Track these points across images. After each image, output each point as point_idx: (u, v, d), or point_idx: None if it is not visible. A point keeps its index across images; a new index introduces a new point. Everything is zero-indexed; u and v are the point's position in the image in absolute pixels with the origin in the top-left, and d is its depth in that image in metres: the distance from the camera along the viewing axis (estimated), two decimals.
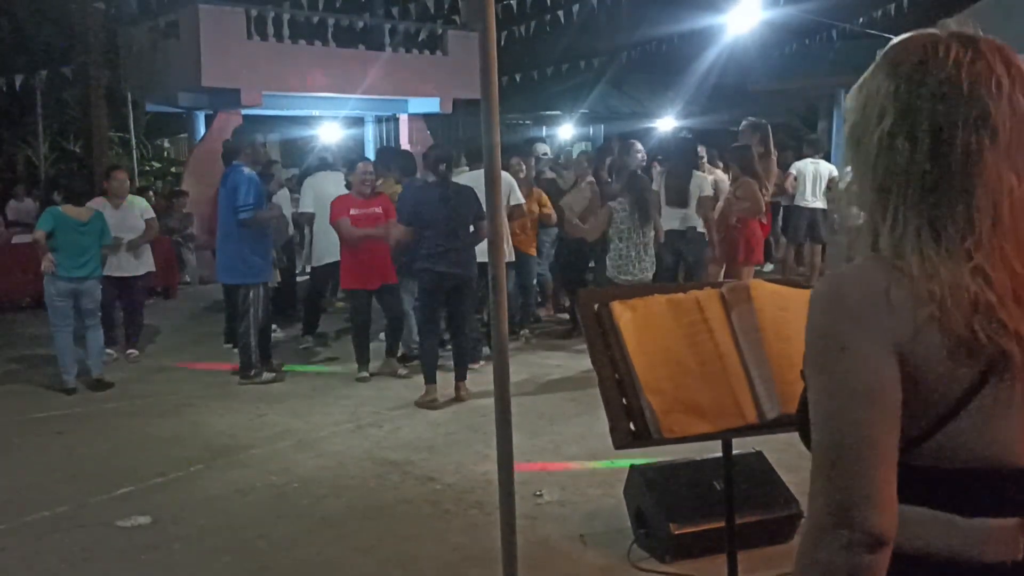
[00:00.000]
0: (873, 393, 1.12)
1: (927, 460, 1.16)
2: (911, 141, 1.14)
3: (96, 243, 6.76)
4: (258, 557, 3.87)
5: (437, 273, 6.08)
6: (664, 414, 2.31)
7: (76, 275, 6.60)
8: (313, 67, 14.22)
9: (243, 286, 6.73)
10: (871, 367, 1.12)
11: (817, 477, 1.15)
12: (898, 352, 1.12)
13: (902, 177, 1.15)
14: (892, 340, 1.12)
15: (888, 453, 1.12)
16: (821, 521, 1.13)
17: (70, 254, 6.60)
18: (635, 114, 20.35)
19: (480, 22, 2.80)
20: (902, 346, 1.12)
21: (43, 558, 3.91)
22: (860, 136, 1.21)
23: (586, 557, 3.79)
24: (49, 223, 6.63)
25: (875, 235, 1.19)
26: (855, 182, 1.23)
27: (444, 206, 6.05)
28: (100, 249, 6.82)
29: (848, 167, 1.26)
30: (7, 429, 5.85)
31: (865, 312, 1.14)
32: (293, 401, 6.40)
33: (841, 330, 1.15)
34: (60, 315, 6.64)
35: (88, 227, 6.71)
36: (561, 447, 5.21)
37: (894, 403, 1.13)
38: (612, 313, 2.41)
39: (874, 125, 1.18)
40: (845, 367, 1.13)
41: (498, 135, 2.87)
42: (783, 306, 2.41)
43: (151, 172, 19.22)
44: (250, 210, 6.57)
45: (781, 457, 4.12)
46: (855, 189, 1.23)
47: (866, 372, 1.12)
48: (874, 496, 1.10)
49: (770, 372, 2.31)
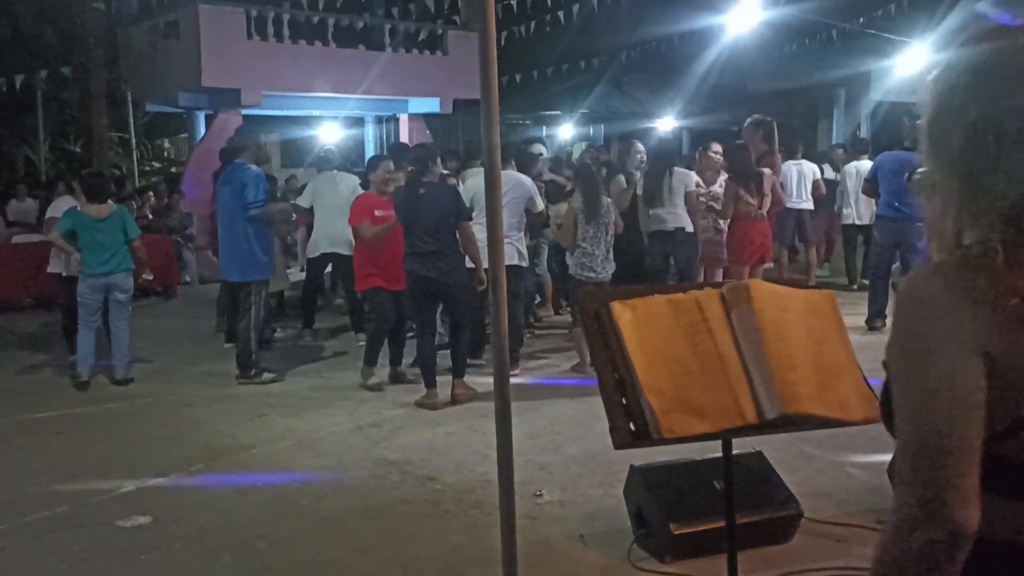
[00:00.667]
0: (957, 394, 1.14)
1: (1017, 454, 1.18)
2: (996, 136, 1.14)
3: (117, 239, 6.79)
4: (258, 557, 3.87)
5: (412, 275, 6.04)
6: (664, 414, 2.31)
7: (101, 271, 6.73)
8: (313, 67, 14.22)
9: (248, 284, 6.74)
10: (955, 369, 1.14)
11: (904, 473, 1.17)
12: (984, 351, 1.14)
13: (988, 171, 1.15)
14: (977, 340, 1.14)
15: (972, 451, 1.14)
16: (907, 515, 1.15)
17: (92, 252, 6.72)
18: (635, 114, 20.36)
19: (480, 22, 2.80)
20: (988, 345, 1.14)
21: (43, 558, 3.91)
22: (941, 130, 1.20)
23: (586, 557, 3.79)
24: (67, 223, 6.74)
25: (958, 231, 1.19)
26: (936, 175, 1.23)
27: (414, 208, 5.97)
28: (124, 244, 6.84)
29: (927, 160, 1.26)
30: (7, 429, 5.85)
31: (949, 313, 1.15)
32: (293, 401, 6.40)
33: (925, 332, 1.16)
34: (88, 310, 6.79)
35: (106, 224, 6.77)
36: (561, 447, 5.21)
37: (978, 403, 1.14)
38: (612, 313, 2.41)
39: (955, 119, 1.17)
40: (929, 369, 1.15)
41: (498, 135, 2.87)
42: (783, 306, 2.41)
43: (151, 172, 19.24)
44: (260, 206, 6.61)
45: (781, 457, 4.13)
46: (936, 183, 1.22)
47: (950, 374, 1.14)
48: (958, 493, 1.13)
49: (770, 372, 2.31)
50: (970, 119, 1.16)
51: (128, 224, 6.91)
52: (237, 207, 6.65)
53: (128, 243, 6.86)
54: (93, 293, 6.77)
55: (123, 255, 6.84)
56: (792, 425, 2.38)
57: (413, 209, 6.00)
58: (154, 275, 8.19)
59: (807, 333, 2.40)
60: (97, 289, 6.77)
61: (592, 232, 6.61)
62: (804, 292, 2.53)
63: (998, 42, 1.17)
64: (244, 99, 13.50)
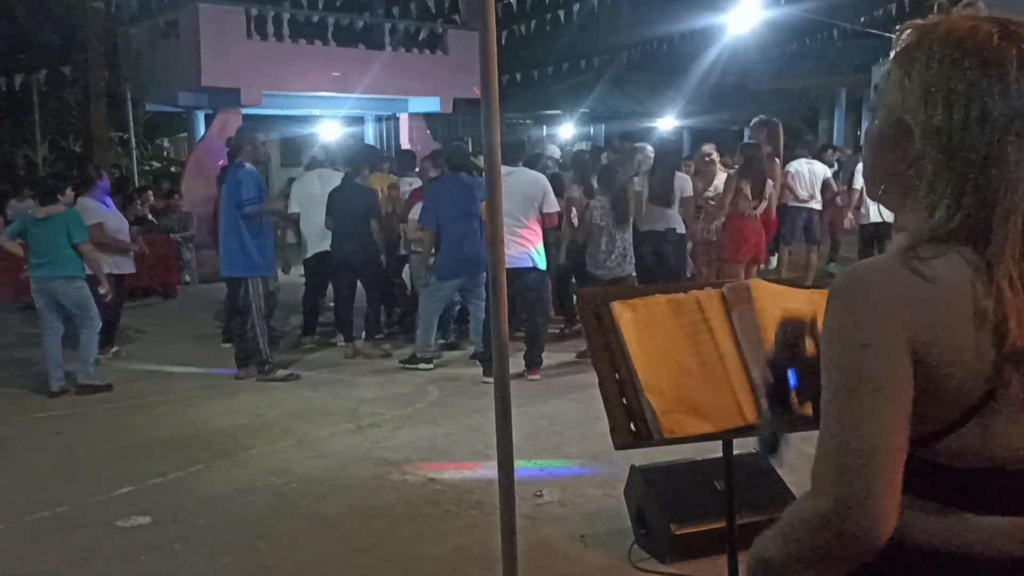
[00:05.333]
0: (888, 395, 1.12)
1: (942, 457, 1.16)
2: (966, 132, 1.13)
3: (57, 242, 6.42)
4: (258, 557, 3.87)
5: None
6: (664, 414, 2.30)
7: (36, 274, 6.51)
8: (313, 67, 14.22)
9: (243, 279, 6.75)
10: (890, 367, 1.12)
11: (824, 466, 1.14)
12: (919, 351, 1.12)
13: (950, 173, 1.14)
14: (911, 338, 1.12)
15: (896, 454, 1.12)
16: (822, 509, 1.12)
17: (32, 253, 6.53)
18: (636, 113, 20.37)
19: (480, 21, 2.79)
20: (924, 344, 1.12)
21: (43, 558, 3.91)
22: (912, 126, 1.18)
23: (586, 557, 3.78)
24: (15, 226, 6.67)
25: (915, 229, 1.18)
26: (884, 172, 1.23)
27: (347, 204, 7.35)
28: (70, 249, 6.46)
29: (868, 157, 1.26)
30: (7, 429, 5.85)
31: (891, 307, 1.13)
32: (293, 401, 6.39)
33: (865, 324, 1.13)
34: (42, 316, 6.63)
35: (46, 224, 6.47)
36: (561, 447, 5.21)
37: (908, 404, 1.12)
38: (612, 313, 2.41)
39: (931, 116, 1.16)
40: (862, 364, 1.13)
41: (498, 135, 2.86)
42: (783, 306, 2.41)
43: (151, 172, 19.24)
44: (254, 203, 6.63)
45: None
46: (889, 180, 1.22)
47: (884, 370, 1.12)
48: (877, 498, 1.10)
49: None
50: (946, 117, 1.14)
51: (72, 228, 6.50)
52: (232, 205, 6.69)
53: (75, 247, 6.49)
54: (38, 297, 6.54)
55: (63, 261, 6.45)
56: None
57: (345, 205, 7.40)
58: (153, 275, 8.17)
59: None
60: (40, 293, 6.51)
61: (611, 234, 6.91)
62: (805, 292, 2.52)
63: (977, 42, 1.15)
64: (244, 98, 13.49)
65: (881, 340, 1.12)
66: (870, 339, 1.12)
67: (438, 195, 6.95)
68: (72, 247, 6.49)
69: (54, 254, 6.46)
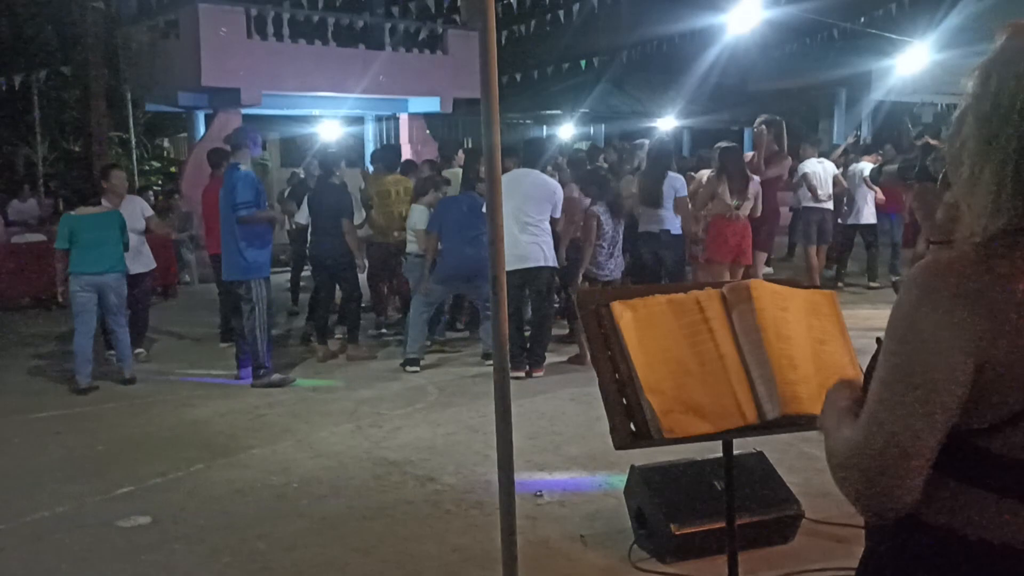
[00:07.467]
0: (939, 399, 1.14)
1: (1002, 447, 1.17)
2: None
3: (112, 238, 6.77)
4: (258, 557, 3.87)
5: None
6: (664, 414, 2.30)
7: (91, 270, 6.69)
8: (313, 67, 14.22)
9: (245, 282, 6.73)
10: (945, 371, 1.14)
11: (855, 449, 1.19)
12: (977, 355, 1.13)
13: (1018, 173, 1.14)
14: (974, 345, 1.13)
15: (929, 449, 1.16)
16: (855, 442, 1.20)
17: (83, 249, 6.69)
18: (635, 113, 20.36)
19: (480, 21, 2.79)
20: (983, 350, 1.13)
21: (43, 558, 3.91)
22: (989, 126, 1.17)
23: (586, 558, 3.78)
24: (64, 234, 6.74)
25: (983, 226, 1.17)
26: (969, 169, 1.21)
27: (321, 204, 7.52)
28: (120, 245, 6.84)
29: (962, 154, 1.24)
30: (7, 429, 5.85)
31: (951, 312, 1.13)
32: (293, 401, 6.39)
33: (924, 327, 1.15)
34: (77, 315, 6.74)
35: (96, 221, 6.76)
36: (561, 447, 5.21)
37: (955, 409, 1.15)
38: (612, 313, 2.41)
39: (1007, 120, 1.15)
40: (917, 367, 1.15)
41: (498, 135, 2.86)
42: (784, 306, 2.41)
43: (151, 172, 19.23)
44: (248, 207, 6.61)
45: (782, 457, 4.12)
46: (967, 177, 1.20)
47: (939, 376, 1.14)
48: (908, 491, 1.16)
49: (771, 372, 2.30)
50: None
51: (122, 225, 6.92)
52: (228, 208, 6.68)
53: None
54: (82, 295, 6.72)
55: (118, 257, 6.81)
56: (793, 425, 2.37)
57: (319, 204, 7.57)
58: (154, 275, 8.18)
59: (808, 333, 2.40)
60: (89, 287, 6.71)
61: (612, 237, 7.01)
62: (805, 292, 2.52)
63: None
64: (244, 98, 13.50)
65: (942, 337, 1.14)
66: (931, 335, 1.14)
67: (448, 207, 7.15)
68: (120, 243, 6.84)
69: (109, 248, 6.78)
